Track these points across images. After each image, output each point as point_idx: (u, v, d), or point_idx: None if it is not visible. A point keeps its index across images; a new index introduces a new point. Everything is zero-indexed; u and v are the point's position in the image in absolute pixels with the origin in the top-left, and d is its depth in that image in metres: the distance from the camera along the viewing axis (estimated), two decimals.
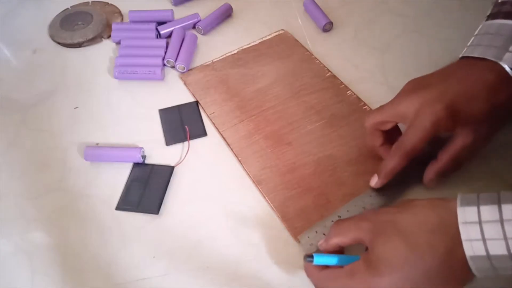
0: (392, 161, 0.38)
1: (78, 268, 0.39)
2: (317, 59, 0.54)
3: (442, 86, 0.37)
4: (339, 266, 0.34)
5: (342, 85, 0.51)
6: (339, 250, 0.36)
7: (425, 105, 0.36)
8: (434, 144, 0.40)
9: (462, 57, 0.40)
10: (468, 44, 0.40)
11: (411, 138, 0.37)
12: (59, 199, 0.44)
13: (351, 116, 0.48)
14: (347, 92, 0.50)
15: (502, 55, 0.37)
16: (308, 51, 0.55)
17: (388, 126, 0.40)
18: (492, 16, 0.40)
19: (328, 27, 0.58)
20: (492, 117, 0.38)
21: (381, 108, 0.40)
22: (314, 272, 0.36)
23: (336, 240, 0.35)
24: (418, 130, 0.37)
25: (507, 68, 0.37)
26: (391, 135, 0.41)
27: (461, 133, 0.38)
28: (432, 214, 0.31)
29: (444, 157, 0.39)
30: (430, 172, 0.40)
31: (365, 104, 0.49)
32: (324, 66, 0.53)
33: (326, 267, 0.35)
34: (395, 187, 0.41)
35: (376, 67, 0.53)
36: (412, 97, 0.37)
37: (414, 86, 0.39)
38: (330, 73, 0.52)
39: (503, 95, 0.37)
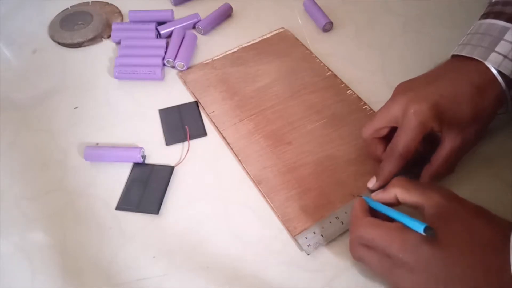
0: (389, 164, 0.38)
1: (78, 268, 0.39)
2: (317, 58, 0.54)
3: (429, 87, 0.38)
4: (389, 221, 0.33)
5: (343, 85, 0.51)
6: (392, 205, 0.35)
7: (411, 105, 0.36)
8: (431, 144, 0.40)
9: (453, 55, 0.40)
10: (460, 42, 0.41)
11: (402, 139, 0.37)
12: (59, 199, 0.44)
13: (351, 115, 0.48)
14: (347, 92, 0.50)
15: (488, 55, 0.37)
16: (308, 49, 0.55)
17: (385, 132, 0.40)
18: (484, 16, 0.41)
19: (328, 27, 0.58)
20: (476, 120, 0.38)
21: (374, 116, 0.40)
22: (360, 215, 0.35)
23: (398, 192, 0.35)
24: (407, 131, 0.37)
25: (492, 69, 0.37)
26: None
27: (449, 136, 0.38)
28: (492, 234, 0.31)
29: (437, 161, 0.39)
30: (425, 176, 0.40)
31: (365, 104, 0.48)
32: (324, 65, 0.53)
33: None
34: None
35: (376, 67, 0.53)
36: (400, 100, 0.38)
37: (403, 89, 0.39)
38: (330, 72, 0.52)
39: (488, 98, 0.37)
